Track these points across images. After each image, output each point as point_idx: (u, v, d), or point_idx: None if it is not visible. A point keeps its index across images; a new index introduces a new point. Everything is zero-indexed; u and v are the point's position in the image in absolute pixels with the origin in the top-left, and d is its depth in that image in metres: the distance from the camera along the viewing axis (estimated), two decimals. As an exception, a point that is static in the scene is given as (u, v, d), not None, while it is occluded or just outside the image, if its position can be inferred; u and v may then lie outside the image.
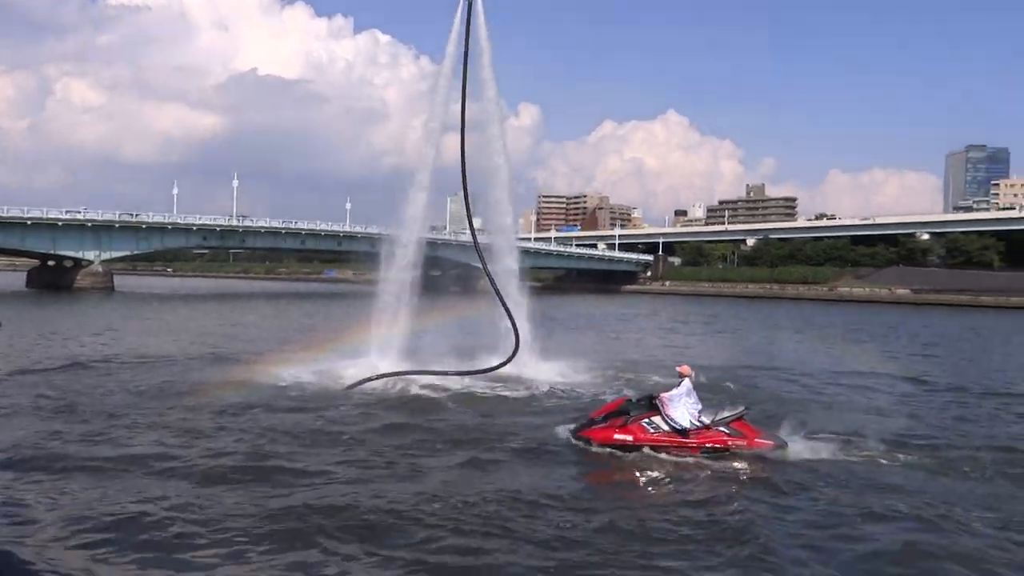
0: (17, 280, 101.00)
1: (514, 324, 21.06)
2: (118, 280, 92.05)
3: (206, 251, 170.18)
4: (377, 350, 22.21)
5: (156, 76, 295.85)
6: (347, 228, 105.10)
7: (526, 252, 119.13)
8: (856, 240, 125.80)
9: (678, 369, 13.79)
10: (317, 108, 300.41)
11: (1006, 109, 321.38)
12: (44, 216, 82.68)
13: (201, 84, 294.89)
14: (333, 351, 23.52)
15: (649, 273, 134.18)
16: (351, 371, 20.46)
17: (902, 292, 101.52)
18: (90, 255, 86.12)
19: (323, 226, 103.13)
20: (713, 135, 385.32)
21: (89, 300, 66.58)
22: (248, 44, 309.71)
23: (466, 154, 22.25)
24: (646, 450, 13.06)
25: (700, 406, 13.40)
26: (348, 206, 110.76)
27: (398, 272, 23.52)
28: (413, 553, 8.56)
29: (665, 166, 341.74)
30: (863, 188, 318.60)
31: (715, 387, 20.07)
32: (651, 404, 13.40)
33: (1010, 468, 12.89)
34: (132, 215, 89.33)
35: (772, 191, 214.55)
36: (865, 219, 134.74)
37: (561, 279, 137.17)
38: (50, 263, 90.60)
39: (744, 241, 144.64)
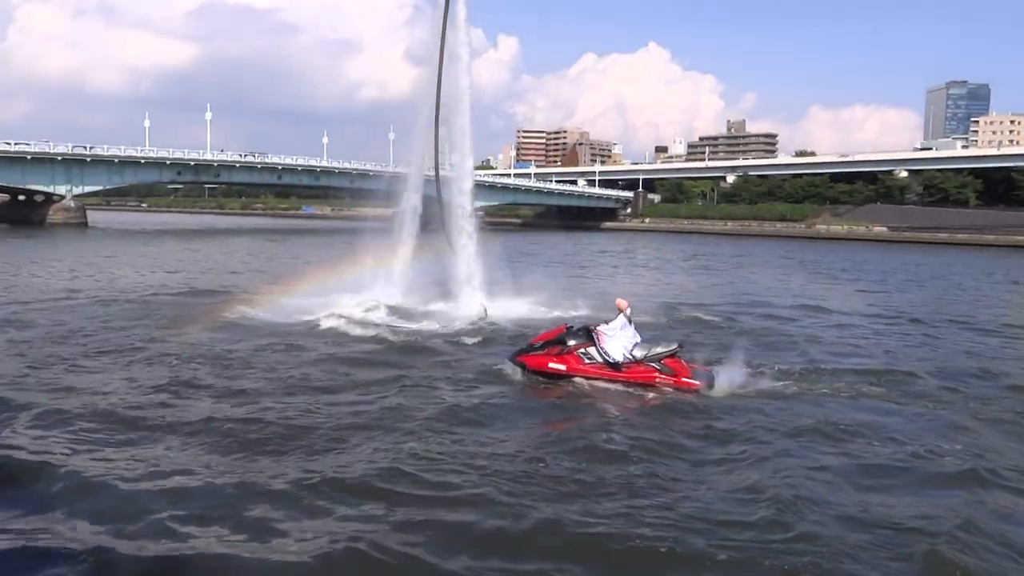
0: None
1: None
2: (91, 215, 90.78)
3: (180, 186, 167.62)
4: (382, 284, 23.01)
5: (123, 3, 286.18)
6: (324, 163, 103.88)
7: (504, 188, 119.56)
8: (835, 177, 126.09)
9: (616, 302, 14.06)
10: (290, 38, 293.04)
11: (988, 45, 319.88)
12: (12, 149, 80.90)
13: (170, 12, 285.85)
14: (336, 285, 23.65)
15: (629, 210, 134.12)
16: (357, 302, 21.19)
17: (879, 230, 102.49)
18: (61, 190, 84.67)
19: (300, 161, 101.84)
20: (695, 69, 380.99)
21: (62, 235, 65.85)
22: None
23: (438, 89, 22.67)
24: (577, 380, 13.51)
25: (637, 340, 13.69)
26: (325, 140, 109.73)
27: (403, 207, 24.14)
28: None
29: (646, 100, 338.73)
30: (844, 125, 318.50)
31: (676, 322, 20.93)
32: (588, 335, 13.70)
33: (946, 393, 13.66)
34: (104, 149, 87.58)
35: (753, 127, 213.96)
36: (844, 156, 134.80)
37: (541, 215, 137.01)
38: (20, 198, 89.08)
39: (724, 178, 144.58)
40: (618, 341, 13.53)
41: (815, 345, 18.68)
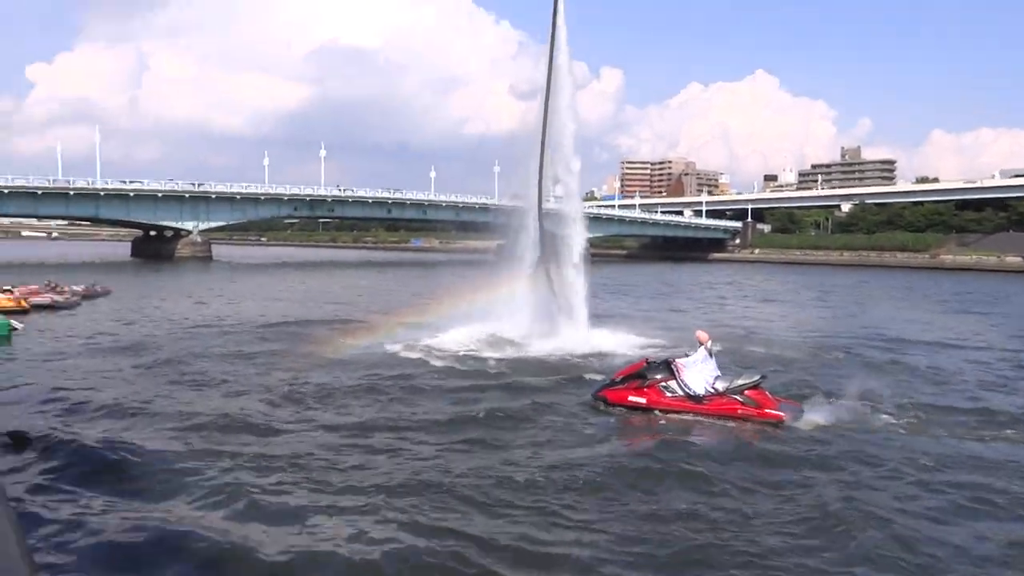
0: (123, 250, 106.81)
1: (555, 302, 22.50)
2: (215, 249, 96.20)
3: (296, 221, 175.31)
4: (506, 314, 23.50)
5: (243, 49, 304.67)
6: (431, 197, 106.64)
7: (609, 220, 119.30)
8: (961, 204, 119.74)
9: (696, 335, 14.09)
10: (399, 77, 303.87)
11: None
12: (146, 188, 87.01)
13: (285, 55, 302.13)
14: (453, 316, 24.52)
15: (738, 241, 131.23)
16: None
17: (1013, 260, 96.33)
18: (189, 225, 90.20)
19: (408, 195, 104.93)
20: (805, 95, 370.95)
21: (190, 268, 70.09)
22: (329, 14, 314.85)
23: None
24: (657, 413, 13.51)
25: (717, 373, 13.66)
26: (432, 175, 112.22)
27: (517, 240, 24.67)
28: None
29: (754, 129, 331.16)
30: (968, 149, 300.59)
31: (784, 354, 20.43)
32: (668, 368, 13.73)
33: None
34: (227, 186, 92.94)
35: (868, 153, 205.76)
36: (970, 182, 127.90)
37: (646, 246, 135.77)
38: (152, 233, 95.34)
39: (838, 207, 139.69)
40: (699, 374, 13.57)
41: (936, 382, 17.75)
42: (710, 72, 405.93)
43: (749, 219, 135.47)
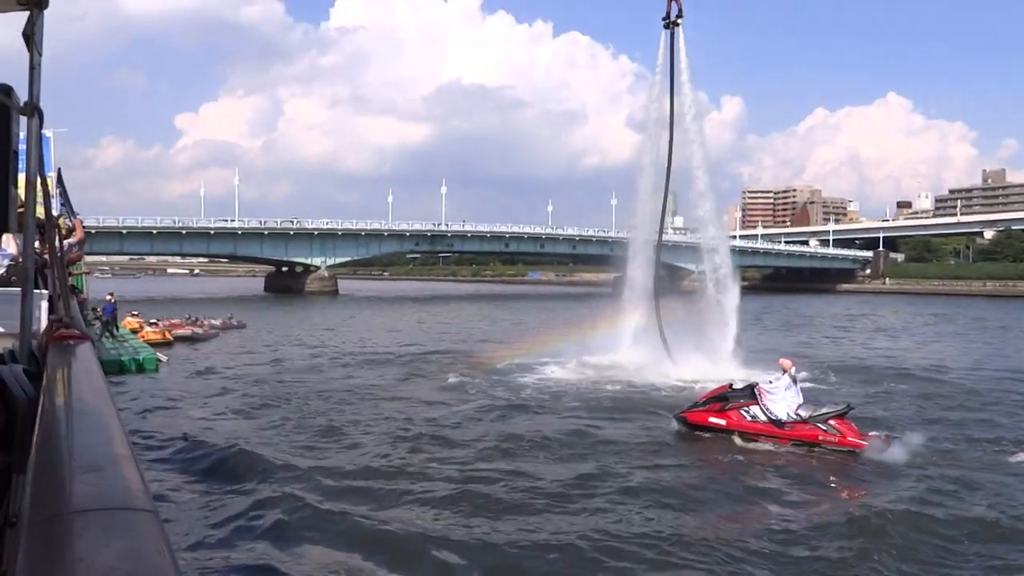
0: (256, 285, 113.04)
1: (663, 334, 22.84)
2: (341, 284, 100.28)
3: (418, 255, 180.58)
4: (630, 342, 24.42)
5: (371, 91, 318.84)
6: (548, 230, 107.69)
7: (731, 250, 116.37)
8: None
9: (780, 363, 14.34)
10: (518, 112, 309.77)
11: None
12: (278, 226, 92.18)
13: (410, 96, 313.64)
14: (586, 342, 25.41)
15: (868, 271, 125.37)
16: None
17: None
18: (317, 261, 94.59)
19: (526, 229, 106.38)
20: (941, 118, 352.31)
21: (319, 302, 73.37)
22: (453, 55, 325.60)
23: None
24: (736, 436, 13.63)
25: (800, 400, 13.72)
26: (550, 208, 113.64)
27: (637, 270, 25.76)
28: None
29: (884, 154, 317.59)
30: None
31: (895, 387, 19.99)
32: (752, 393, 13.84)
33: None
34: (353, 223, 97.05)
35: (1014, 176, 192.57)
36: None
37: (769, 277, 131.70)
38: (283, 269, 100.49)
39: (981, 234, 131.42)
40: (782, 400, 13.67)
41: None
42: (837, 97, 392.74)
43: (881, 248, 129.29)
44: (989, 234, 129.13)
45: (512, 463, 12.19)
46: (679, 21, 24.54)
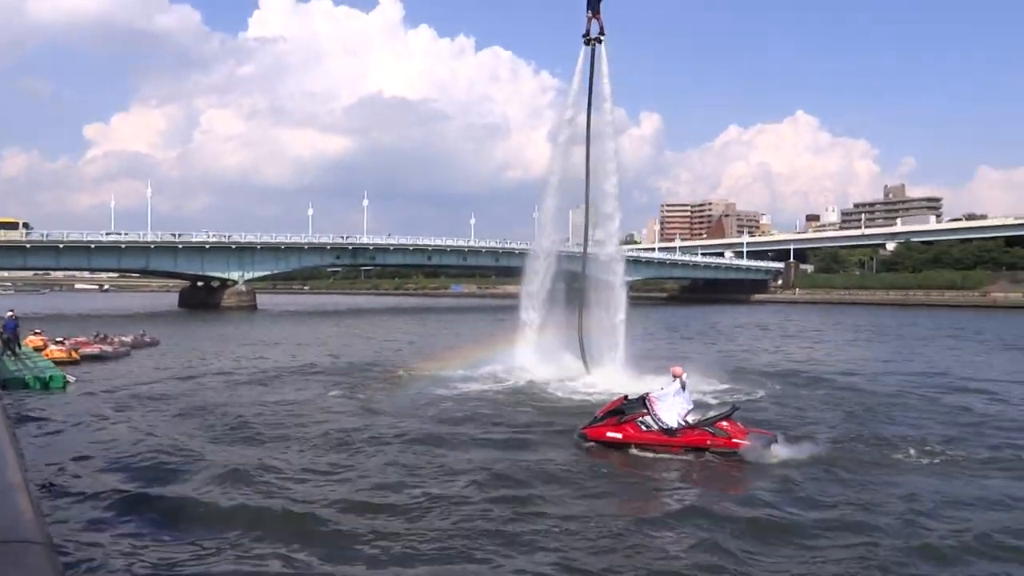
0: (170, 300, 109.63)
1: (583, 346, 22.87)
2: (260, 299, 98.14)
3: (339, 269, 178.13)
4: (529, 357, 24.36)
5: (290, 103, 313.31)
6: (471, 243, 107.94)
7: (648, 263, 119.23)
8: (1011, 241, 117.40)
9: (671, 370, 14.63)
10: (440, 126, 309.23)
11: None
12: (194, 240, 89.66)
13: (331, 108, 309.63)
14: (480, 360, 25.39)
15: (780, 281, 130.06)
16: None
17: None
18: (235, 275, 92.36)
19: (448, 242, 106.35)
20: (846, 135, 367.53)
21: (236, 317, 71.68)
22: (375, 68, 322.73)
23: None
24: (633, 448, 13.94)
25: (690, 406, 14.13)
26: (472, 221, 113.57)
27: (534, 284, 25.61)
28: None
29: (794, 169, 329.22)
30: (1018, 185, 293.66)
31: (790, 390, 20.90)
32: (643, 403, 14.17)
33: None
34: (272, 237, 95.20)
35: (913, 191, 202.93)
36: (1019, 218, 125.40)
37: (687, 289, 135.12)
38: (199, 284, 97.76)
39: (883, 245, 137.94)
40: (671, 407, 13.98)
41: (946, 421, 17.37)
42: (749, 114, 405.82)
43: (791, 259, 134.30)
44: (891, 245, 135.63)
45: (413, 477, 12.34)
46: (600, 39, 24.66)
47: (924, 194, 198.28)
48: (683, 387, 14.19)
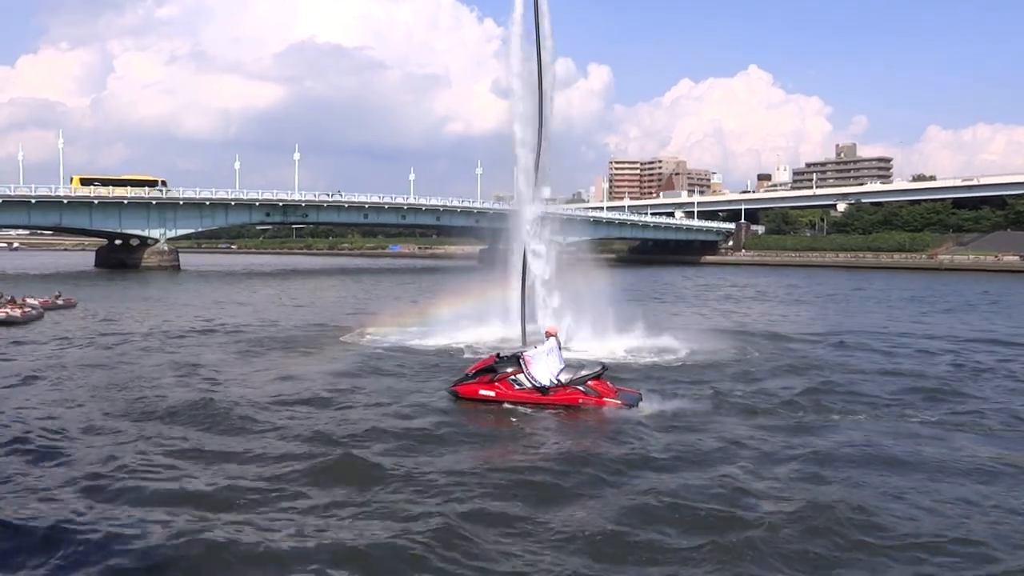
0: (87, 260, 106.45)
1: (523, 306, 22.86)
2: (183, 258, 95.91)
3: (269, 227, 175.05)
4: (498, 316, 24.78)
5: (214, 48, 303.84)
6: (411, 200, 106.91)
7: (596, 222, 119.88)
8: (958, 203, 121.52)
9: (545, 329, 15.84)
10: (377, 75, 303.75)
11: None
12: (110, 195, 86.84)
13: (259, 55, 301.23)
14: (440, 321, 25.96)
15: (731, 243, 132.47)
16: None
17: (1010, 259, 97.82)
18: (156, 233, 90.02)
19: (386, 199, 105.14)
20: (800, 92, 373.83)
21: (157, 278, 70.01)
22: (306, 12, 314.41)
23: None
24: (506, 405, 14.75)
25: (562, 365, 15.05)
26: (412, 177, 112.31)
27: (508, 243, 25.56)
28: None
29: (746, 126, 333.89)
30: (966, 146, 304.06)
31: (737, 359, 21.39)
32: (517, 362, 15.01)
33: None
34: (196, 192, 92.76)
35: (864, 151, 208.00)
36: (968, 180, 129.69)
37: (636, 250, 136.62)
38: (117, 242, 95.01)
39: (834, 206, 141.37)
40: (544, 366, 14.87)
41: (834, 372, 19.32)
42: (702, 68, 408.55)
43: (743, 220, 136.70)
44: (842, 207, 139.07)
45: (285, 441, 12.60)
46: None
47: (875, 154, 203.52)
48: (558, 345, 15.17)
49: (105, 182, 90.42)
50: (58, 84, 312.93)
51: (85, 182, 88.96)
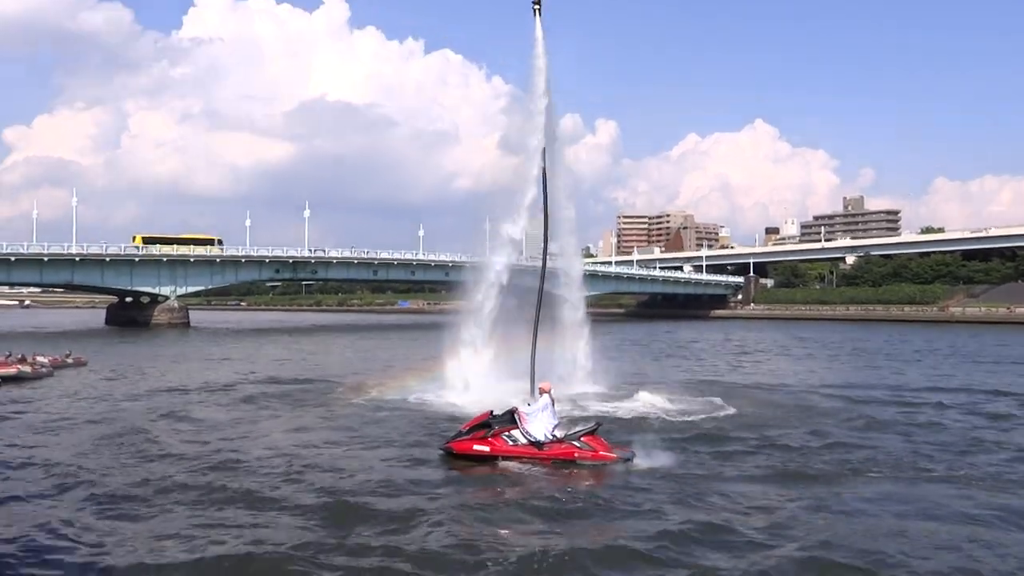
0: (97, 317, 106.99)
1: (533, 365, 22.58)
2: (193, 315, 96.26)
3: (279, 283, 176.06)
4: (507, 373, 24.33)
5: (226, 106, 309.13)
6: (420, 256, 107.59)
7: (605, 277, 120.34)
8: (968, 255, 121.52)
9: (540, 385, 15.99)
10: (387, 132, 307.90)
11: None
12: (122, 252, 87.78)
13: (270, 112, 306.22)
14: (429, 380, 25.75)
15: (740, 296, 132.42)
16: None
17: (1022, 311, 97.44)
18: (166, 291, 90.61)
19: (396, 255, 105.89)
20: (805, 146, 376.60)
21: (167, 336, 70.25)
22: (318, 71, 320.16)
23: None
24: (501, 461, 14.84)
25: (556, 421, 15.27)
26: (421, 233, 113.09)
27: (481, 300, 25.13)
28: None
29: (753, 180, 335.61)
30: (973, 197, 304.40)
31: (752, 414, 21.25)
32: (512, 418, 15.14)
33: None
34: (206, 249, 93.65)
35: (872, 203, 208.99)
36: (977, 231, 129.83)
37: (645, 304, 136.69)
38: (128, 300, 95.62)
39: (843, 259, 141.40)
40: (539, 422, 15.03)
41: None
42: (708, 123, 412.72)
43: (751, 273, 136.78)
44: (851, 259, 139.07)
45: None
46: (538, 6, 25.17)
47: (883, 206, 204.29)
48: (551, 402, 15.27)
49: (166, 241, 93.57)
50: (73, 143, 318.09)
51: (147, 240, 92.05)
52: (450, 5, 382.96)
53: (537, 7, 25.16)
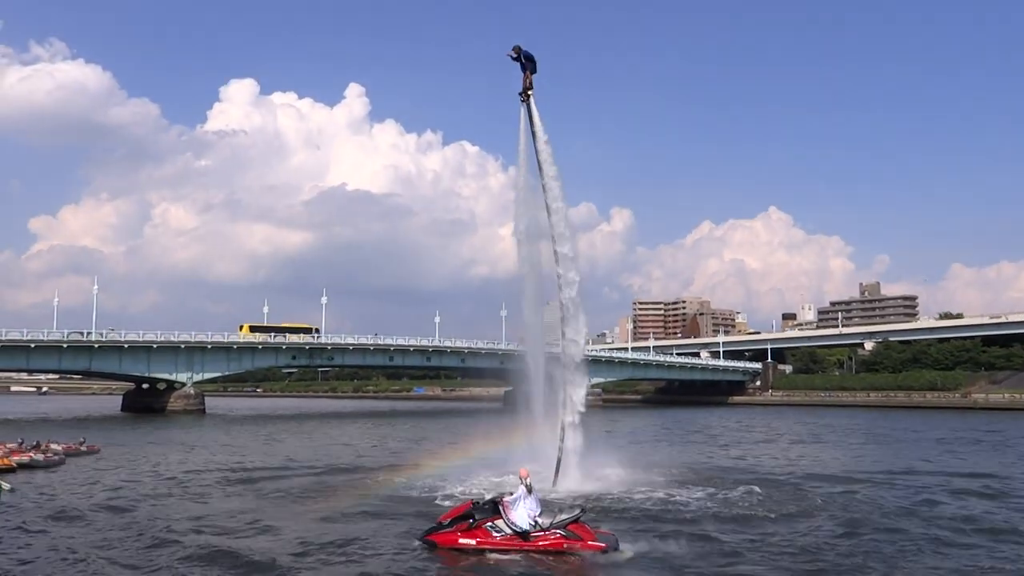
0: (113, 404, 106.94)
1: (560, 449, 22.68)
2: (208, 402, 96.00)
3: (295, 370, 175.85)
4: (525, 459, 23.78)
5: (248, 196, 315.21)
6: (436, 343, 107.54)
7: (622, 363, 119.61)
8: (988, 340, 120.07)
9: (519, 472, 15.64)
10: (404, 221, 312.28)
11: None
12: (140, 339, 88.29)
13: (290, 202, 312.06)
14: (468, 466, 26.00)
15: (758, 382, 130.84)
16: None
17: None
18: (183, 377, 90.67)
19: (412, 341, 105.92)
20: (820, 232, 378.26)
21: (182, 423, 69.88)
22: (338, 162, 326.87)
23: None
24: (488, 553, 14.47)
25: (539, 508, 14.98)
26: (437, 320, 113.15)
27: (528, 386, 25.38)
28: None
29: (769, 266, 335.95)
30: (991, 283, 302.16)
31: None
32: (495, 508, 14.80)
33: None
34: (224, 336, 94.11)
35: (888, 289, 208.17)
36: (996, 317, 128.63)
37: (662, 390, 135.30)
38: (144, 386, 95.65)
39: (862, 345, 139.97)
40: (523, 510, 14.78)
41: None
42: (722, 210, 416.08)
43: (769, 359, 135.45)
44: (869, 345, 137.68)
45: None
46: (528, 93, 25.62)
47: (899, 292, 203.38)
48: (529, 490, 15.01)
49: (270, 330, 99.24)
50: (96, 232, 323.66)
51: (254, 329, 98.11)
52: (469, 100, 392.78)
53: (523, 95, 25.67)
